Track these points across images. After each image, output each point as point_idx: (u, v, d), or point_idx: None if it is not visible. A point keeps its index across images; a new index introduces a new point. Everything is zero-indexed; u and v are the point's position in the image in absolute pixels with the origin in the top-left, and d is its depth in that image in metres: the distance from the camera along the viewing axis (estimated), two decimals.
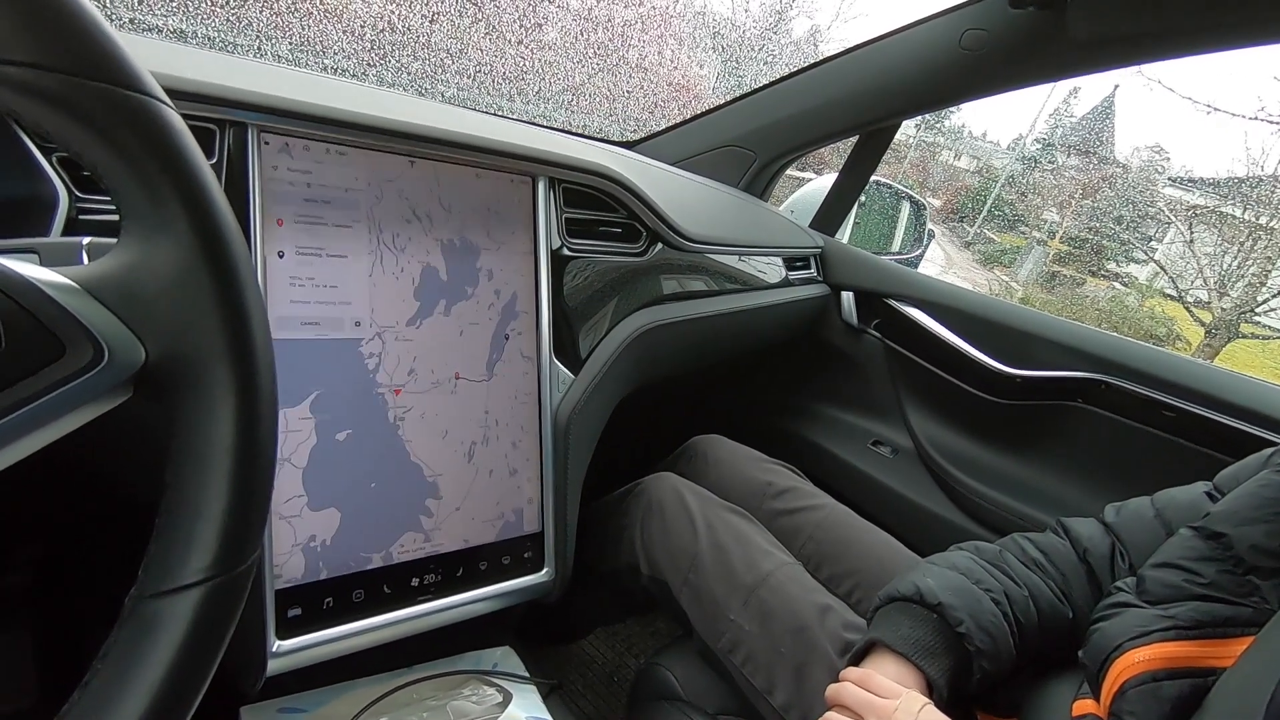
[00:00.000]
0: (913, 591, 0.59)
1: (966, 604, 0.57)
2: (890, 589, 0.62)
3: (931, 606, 0.58)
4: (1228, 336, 6.28)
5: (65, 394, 0.24)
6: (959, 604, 0.57)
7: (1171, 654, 0.48)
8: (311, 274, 0.58)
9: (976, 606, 0.57)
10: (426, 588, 0.65)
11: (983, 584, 0.59)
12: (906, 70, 1.06)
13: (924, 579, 0.60)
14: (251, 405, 0.28)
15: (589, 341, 0.80)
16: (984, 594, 0.58)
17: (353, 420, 0.61)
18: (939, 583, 0.59)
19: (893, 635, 0.58)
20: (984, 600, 0.58)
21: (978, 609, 0.57)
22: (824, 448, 1.25)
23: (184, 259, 0.26)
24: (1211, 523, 0.53)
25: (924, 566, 0.63)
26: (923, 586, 0.59)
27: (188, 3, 1.06)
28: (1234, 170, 7.01)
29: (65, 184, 0.45)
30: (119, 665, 0.25)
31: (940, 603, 0.57)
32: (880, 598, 0.62)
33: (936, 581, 0.59)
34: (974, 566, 0.61)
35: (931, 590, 0.58)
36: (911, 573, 0.62)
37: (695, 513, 0.78)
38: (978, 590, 0.58)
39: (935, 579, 0.59)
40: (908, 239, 1.66)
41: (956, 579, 0.59)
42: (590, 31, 1.77)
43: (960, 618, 0.56)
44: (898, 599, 0.60)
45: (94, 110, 0.24)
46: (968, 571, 0.60)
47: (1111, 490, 0.97)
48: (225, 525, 0.27)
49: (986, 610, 0.57)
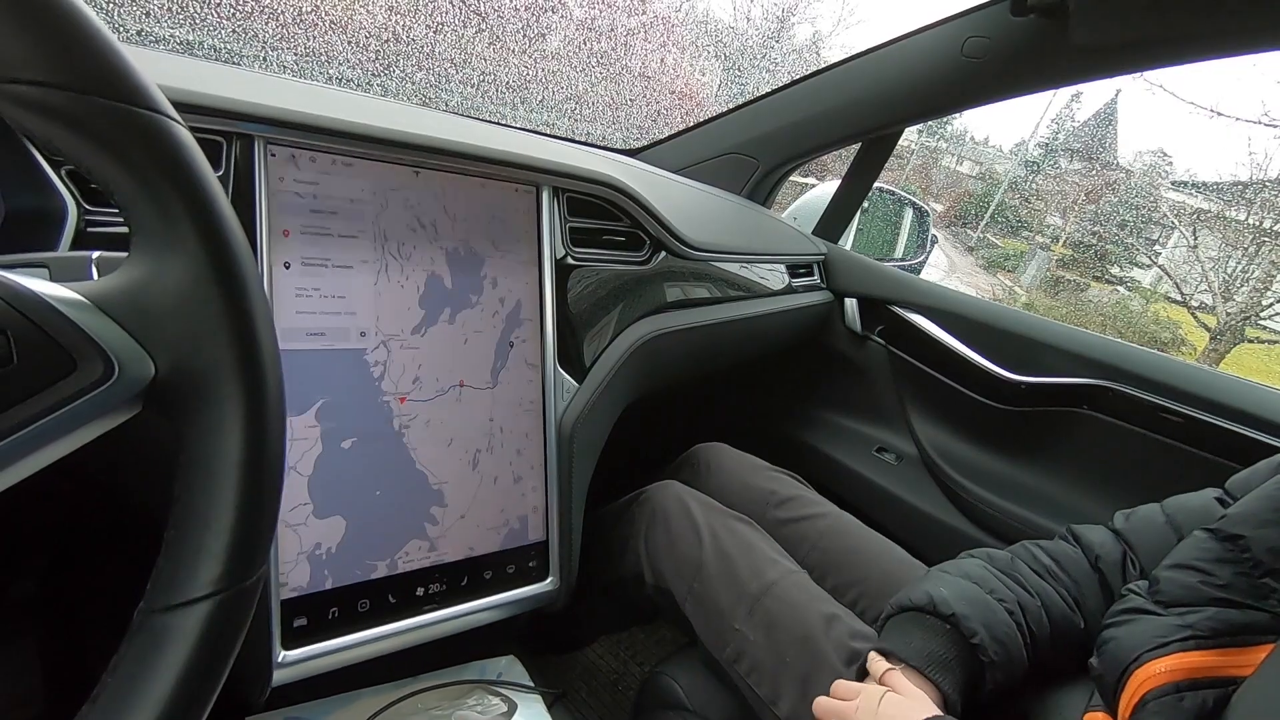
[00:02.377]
0: (926, 601, 0.58)
1: (980, 614, 0.56)
2: (902, 598, 0.61)
3: (945, 617, 0.57)
4: (1233, 341, 6.25)
5: (76, 409, 0.24)
6: (973, 614, 0.56)
7: (1193, 664, 0.48)
8: (318, 284, 0.58)
9: (991, 617, 0.57)
10: (431, 597, 0.65)
11: (996, 593, 0.58)
12: (909, 78, 1.06)
13: (937, 588, 0.59)
14: (260, 420, 0.28)
15: (593, 349, 0.80)
16: (998, 604, 0.58)
17: (358, 428, 0.61)
18: (952, 592, 0.58)
19: (905, 648, 0.57)
20: (998, 611, 0.57)
21: (992, 619, 0.56)
22: (828, 455, 1.25)
23: (193, 274, 0.26)
24: (1228, 525, 0.52)
25: (936, 575, 0.62)
26: (936, 596, 0.58)
27: (195, 15, 1.07)
28: (1238, 174, 7.00)
29: (74, 197, 0.46)
30: (127, 679, 0.25)
31: (954, 613, 0.56)
32: (892, 606, 0.62)
33: (950, 591, 0.58)
34: (987, 575, 0.60)
35: (945, 600, 0.57)
36: (924, 581, 0.61)
37: (700, 521, 0.78)
38: (991, 600, 0.58)
39: (948, 588, 0.59)
40: (911, 245, 1.67)
41: (970, 588, 0.59)
42: (593, 40, 1.78)
43: (974, 629, 0.56)
44: (910, 609, 0.59)
45: (104, 127, 0.25)
46: (981, 580, 0.60)
47: (1116, 496, 0.97)
48: (233, 539, 0.27)
49: (1000, 621, 0.57)
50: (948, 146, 12.75)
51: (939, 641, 0.56)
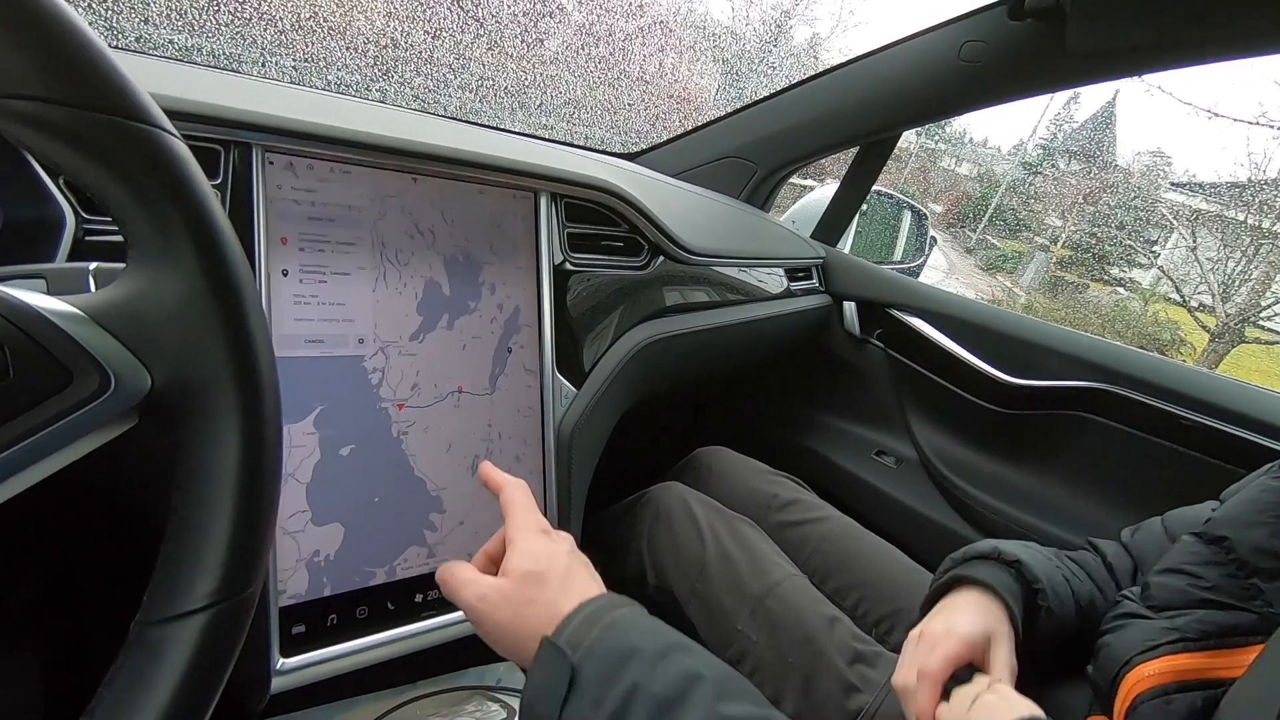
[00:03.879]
0: (991, 549, 0.60)
1: (1042, 566, 0.59)
2: (965, 550, 0.62)
3: (1010, 563, 0.59)
4: (1232, 341, 6.25)
5: (72, 422, 0.24)
6: (1035, 564, 0.59)
7: (1181, 667, 0.48)
8: (315, 292, 0.58)
9: (1050, 570, 0.59)
10: (430, 603, 0.65)
11: (1051, 559, 0.61)
12: (906, 82, 1.07)
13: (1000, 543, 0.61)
14: (256, 432, 0.28)
15: (592, 355, 0.80)
16: (1052, 563, 0.60)
17: (356, 435, 0.61)
18: (1013, 547, 0.61)
19: (979, 572, 0.58)
20: (1055, 568, 0.60)
21: (1051, 573, 0.59)
22: (828, 458, 1.25)
23: (190, 288, 0.27)
24: (1213, 527, 0.54)
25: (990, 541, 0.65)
26: (1001, 547, 0.60)
27: (194, 21, 1.07)
28: (1236, 175, 7.01)
29: (72, 207, 0.46)
30: (124, 692, 0.25)
31: (1019, 559, 0.59)
32: (953, 557, 0.63)
33: (1011, 546, 0.61)
34: (1034, 551, 0.63)
35: (1010, 551, 0.60)
36: (980, 542, 0.63)
37: (703, 522, 0.78)
38: (1047, 558, 0.61)
39: (1008, 545, 0.61)
40: (909, 248, 1.67)
41: (1028, 549, 0.61)
42: (591, 45, 1.78)
43: (1037, 575, 0.58)
44: (974, 557, 0.61)
45: (101, 142, 0.25)
46: (1036, 549, 0.62)
47: (1114, 499, 0.97)
48: (230, 551, 0.27)
49: (1058, 577, 0.59)
50: (946, 148, 12.77)
51: (1007, 576, 0.58)
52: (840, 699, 0.64)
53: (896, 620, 0.75)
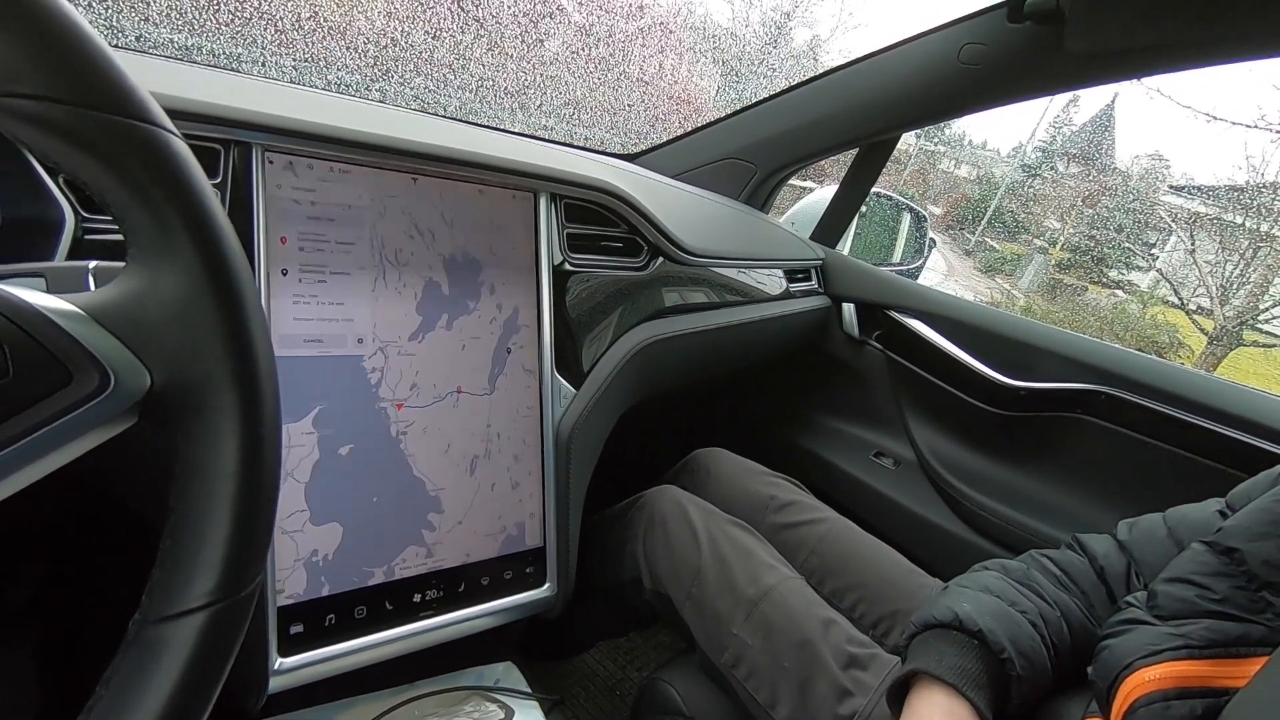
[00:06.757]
0: (951, 618, 0.57)
1: (1006, 629, 0.55)
2: (925, 615, 0.60)
3: (972, 633, 0.56)
4: (1231, 344, 6.26)
5: (71, 421, 0.24)
6: (999, 629, 0.55)
7: (1183, 673, 0.47)
8: (315, 291, 0.58)
9: (1016, 631, 0.56)
10: (428, 604, 0.65)
11: (1018, 606, 0.58)
12: (906, 84, 1.07)
13: (960, 604, 0.58)
14: (255, 432, 0.28)
15: (591, 355, 0.80)
16: (1021, 616, 0.57)
17: (355, 435, 0.61)
18: (976, 607, 0.57)
19: (938, 665, 0.55)
20: (1023, 625, 0.56)
21: (1017, 634, 0.56)
22: (826, 460, 1.25)
23: (189, 286, 0.27)
24: (1224, 538, 0.52)
25: (955, 590, 0.61)
26: (961, 613, 0.57)
27: (194, 20, 1.07)
28: (1234, 178, 7.01)
29: (72, 205, 0.46)
30: (122, 691, 0.25)
31: (981, 629, 0.55)
32: (915, 624, 0.60)
33: (973, 606, 0.57)
34: (1006, 587, 0.59)
35: (970, 616, 0.56)
36: (944, 597, 0.60)
37: (698, 526, 0.78)
38: (1014, 613, 0.57)
39: (971, 603, 0.58)
40: (909, 250, 1.67)
41: (992, 602, 0.58)
42: (592, 46, 1.78)
43: (1002, 644, 0.55)
44: (935, 625, 0.58)
45: (101, 141, 0.25)
46: (1001, 593, 0.59)
47: (1112, 501, 0.97)
48: (229, 550, 0.27)
49: (1025, 635, 0.56)
50: (946, 150, 12.77)
51: (968, 658, 0.55)
52: (834, 704, 0.64)
53: (894, 621, 0.75)
